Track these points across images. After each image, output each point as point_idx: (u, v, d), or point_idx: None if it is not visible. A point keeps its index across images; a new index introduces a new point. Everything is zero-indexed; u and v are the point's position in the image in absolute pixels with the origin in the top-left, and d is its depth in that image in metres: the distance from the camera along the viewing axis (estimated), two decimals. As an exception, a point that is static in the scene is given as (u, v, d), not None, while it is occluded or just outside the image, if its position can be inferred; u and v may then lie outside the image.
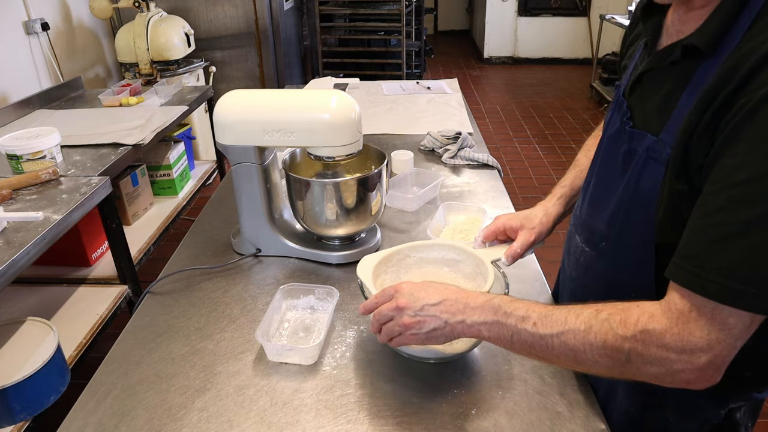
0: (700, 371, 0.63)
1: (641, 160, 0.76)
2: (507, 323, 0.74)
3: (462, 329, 0.77)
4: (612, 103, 0.91)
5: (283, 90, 1.22)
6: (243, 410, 0.86)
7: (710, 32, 0.67)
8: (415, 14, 5.49)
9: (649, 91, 0.78)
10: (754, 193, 0.58)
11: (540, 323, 0.71)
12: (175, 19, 3.39)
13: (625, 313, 0.67)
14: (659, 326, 0.64)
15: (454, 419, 0.84)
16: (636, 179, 0.77)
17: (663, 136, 0.72)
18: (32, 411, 1.28)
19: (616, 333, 0.66)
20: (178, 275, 1.20)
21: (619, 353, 0.66)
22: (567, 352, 0.69)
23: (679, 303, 0.63)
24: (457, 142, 1.75)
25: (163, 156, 2.49)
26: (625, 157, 0.81)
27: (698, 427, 0.87)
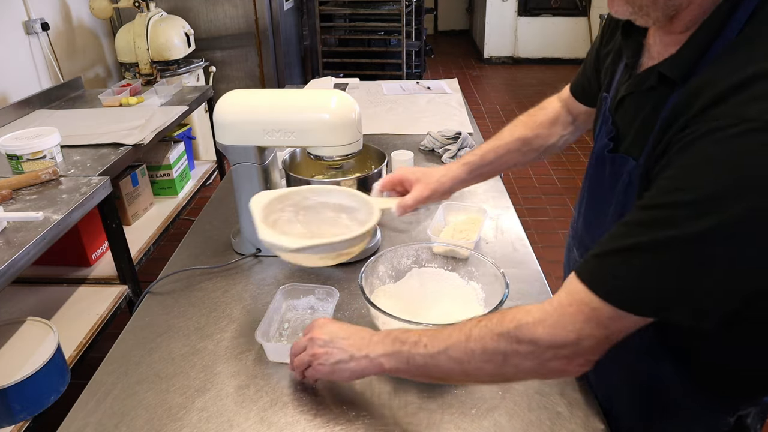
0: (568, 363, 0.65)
1: (625, 184, 0.77)
2: (402, 350, 0.74)
3: (366, 364, 0.77)
4: (599, 112, 0.90)
5: (283, 90, 1.22)
6: (243, 410, 0.86)
7: (682, 62, 0.67)
8: (415, 14, 5.49)
9: (632, 114, 0.77)
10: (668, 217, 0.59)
11: (429, 344, 0.71)
12: (175, 19, 3.39)
13: (503, 313, 0.68)
14: (532, 319, 0.65)
15: (454, 419, 0.84)
16: (622, 202, 0.78)
17: (641, 161, 0.73)
18: (32, 411, 1.28)
19: (493, 332, 0.67)
20: (178, 275, 1.20)
21: (497, 355, 0.66)
22: (453, 365, 0.69)
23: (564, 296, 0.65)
24: (457, 142, 1.75)
25: (163, 156, 2.49)
26: (611, 177, 0.81)
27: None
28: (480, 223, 1.27)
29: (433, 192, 1.03)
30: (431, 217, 1.40)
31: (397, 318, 0.88)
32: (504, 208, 1.46)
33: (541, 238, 3.11)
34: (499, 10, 6.94)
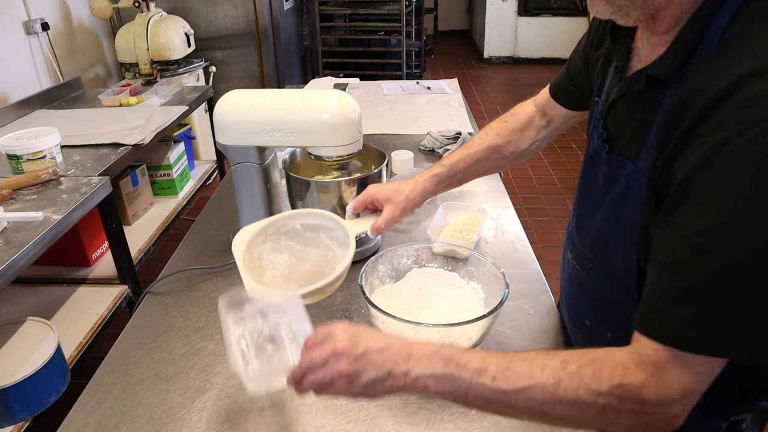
0: (673, 419, 0.61)
1: (622, 188, 0.74)
2: (460, 376, 0.64)
3: (405, 383, 0.66)
4: (591, 116, 0.89)
5: (283, 90, 1.22)
6: (243, 410, 0.86)
7: (670, 62, 0.66)
8: (415, 14, 5.49)
9: (625, 117, 0.76)
10: (713, 243, 0.56)
11: (500, 377, 0.64)
12: (175, 19, 3.39)
13: (596, 365, 0.62)
14: (635, 380, 0.60)
15: (454, 419, 0.84)
16: (617, 206, 0.76)
17: (640, 165, 0.71)
18: (32, 411, 1.28)
19: (589, 388, 0.61)
20: (178, 275, 1.20)
21: (591, 408, 0.62)
22: (533, 407, 0.64)
23: (652, 355, 0.60)
24: (457, 142, 1.75)
25: (163, 156, 2.49)
26: (605, 181, 0.79)
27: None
28: (480, 223, 1.27)
29: (404, 210, 1.03)
30: (431, 217, 1.40)
31: (397, 318, 0.88)
32: (504, 208, 1.46)
33: (541, 238, 3.11)
34: (499, 10, 6.94)
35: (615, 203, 0.76)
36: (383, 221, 1.01)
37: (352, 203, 1.06)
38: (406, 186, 1.05)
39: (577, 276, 0.91)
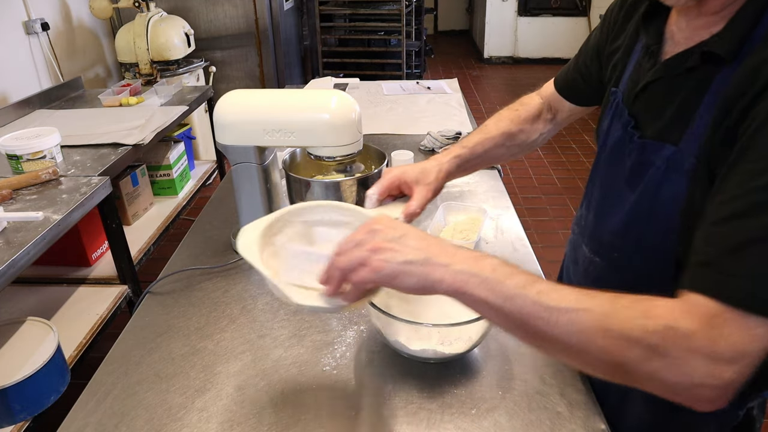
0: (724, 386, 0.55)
1: (660, 172, 0.73)
2: (505, 283, 0.61)
3: (443, 274, 0.62)
4: (607, 108, 0.88)
5: (283, 90, 1.21)
6: (243, 410, 0.86)
7: (731, 39, 0.65)
8: (415, 14, 5.49)
9: (661, 101, 0.74)
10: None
11: (546, 292, 0.60)
12: (175, 19, 3.39)
13: (648, 303, 0.58)
14: (686, 326, 0.55)
15: (454, 419, 0.84)
16: (654, 191, 0.74)
17: (683, 146, 0.69)
18: (32, 411, 1.28)
19: (640, 324, 0.56)
20: (178, 275, 1.20)
21: (637, 347, 0.56)
22: (574, 333, 0.58)
23: (704, 306, 0.56)
24: (457, 143, 1.75)
25: (163, 156, 2.49)
26: (636, 168, 0.77)
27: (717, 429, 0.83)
28: (480, 223, 1.27)
29: (435, 191, 0.97)
30: (431, 217, 1.40)
31: (397, 318, 0.88)
32: (504, 208, 1.46)
33: (541, 238, 3.11)
34: (499, 10, 6.94)
35: (651, 188, 0.74)
36: (418, 205, 0.92)
37: (376, 188, 0.96)
38: (432, 167, 0.98)
39: (596, 269, 0.89)
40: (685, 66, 0.71)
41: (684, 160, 0.69)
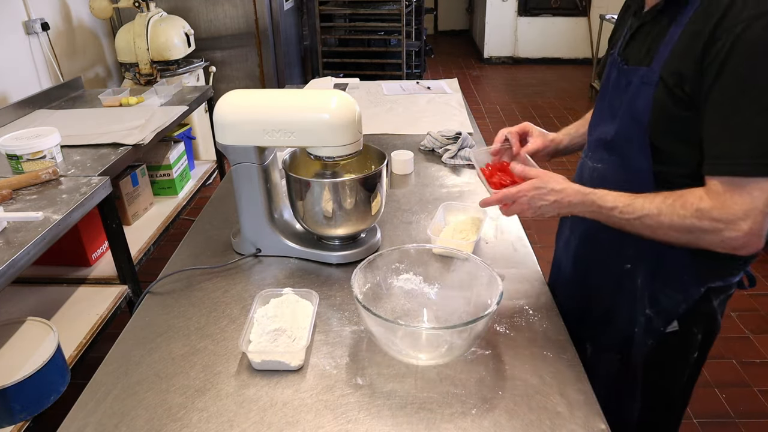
0: (746, 236, 0.86)
1: (635, 86, 0.99)
2: (600, 212, 0.98)
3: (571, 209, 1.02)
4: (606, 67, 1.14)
5: (283, 90, 1.22)
6: (243, 410, 0.86)
7: None
8: (415, 14, 5.49)
9: (641, 40, 1.03)
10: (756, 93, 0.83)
11: (624, 210, 0.95)
12: (175, 19, 3.39)
13: (683, 198, 0.91)
14: (707, 204, 0.88)
15: (454, 419, 0.84)
16: (632, 100, 1.00)
17: (653, 66, 0.96)
18: (32, 411, 1.28)
19: (679, 213, 0.90)
20: (178, 275, 1.20)
21: (682, 227, 0.91)
22: (645, 228, 0.95)
23: (717, 186, 0.87)
24: (457, 142, 1.75)
25: (163, 156, 2.49)
26: (623, 88, 1.04)
27: (682, 298, 1.06)
28: (480, 223, 1.27)
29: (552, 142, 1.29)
30: (431, 217, 1.40)
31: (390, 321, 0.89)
32: (504, 208, 1.46)
33: (541, 238, 3.10)
34: (499, 10, 6.94)
35: (630, 100, 1.00)
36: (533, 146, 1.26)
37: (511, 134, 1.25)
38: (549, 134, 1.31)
39: (598, 174, 1.13)
40: (656, 10, 0.98)
41: (652, 76, 0.96)
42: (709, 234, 0.89)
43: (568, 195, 1.00)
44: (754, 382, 2.17)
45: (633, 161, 1.03)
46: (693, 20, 0.89)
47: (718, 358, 2.27)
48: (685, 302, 1.05)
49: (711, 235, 0.89)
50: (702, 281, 1.04)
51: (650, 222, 0.93)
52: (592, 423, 0.83)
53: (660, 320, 1.08)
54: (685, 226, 0.90)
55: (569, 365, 0.94)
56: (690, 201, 0.90)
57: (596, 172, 1.14)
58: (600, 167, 1.13)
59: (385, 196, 1.26)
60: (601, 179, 1.11)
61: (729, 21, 0.84)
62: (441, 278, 1.07)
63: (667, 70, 0.93)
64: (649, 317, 1.09)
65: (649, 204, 0.93)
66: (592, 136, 1.17)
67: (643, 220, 0.94)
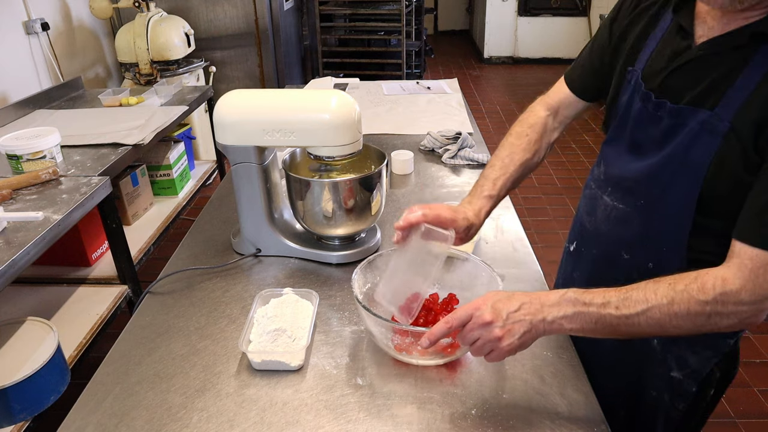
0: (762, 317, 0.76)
1: (693, 132, 0.85)
2: (587, 312, 0.79)
3: (544, 327, 0.80)
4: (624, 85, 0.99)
5: (283, 90, 1.22)
6: (243, 410, 0.86)
7: None
8: (415, 14, 5.49)
9: (698, 73, 0.86)
10: None
11: (622, 306, 0.78)
12: (175, 19, 3.39)
13: (699, 281, 0.77)
14: (734, 287, 0.75)
15: (454, 419, 0.84)
16: (686, 148, 0.86)
17: (718, 111, 0.81)
18: (32, 411, 1.28)
19: (698, 300, 0.76)
20: (178, 275, 1.20)
21: (701, 316, 0.76)
22: (653, 324, 0.78)
23: (749, 262, 0.75)
24: (457, 142, 1.75)
25: (163, 156, 2.49)
26: (666, 130, 0.89)
27: (712, 354, 0.97)
28: None
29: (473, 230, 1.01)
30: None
31: (388, 321, 0.89)
32: (504, 208, 1.46)
33: (541, 238, 3.11)
34: (499, 10, 6.94)
35: (683, 145, 0.86)
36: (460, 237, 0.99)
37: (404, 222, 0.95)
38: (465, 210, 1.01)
39: (617, 215, 1.01)
40: (732, 45, 0.82)
41: (718, 123, 0.81)
42: (730, 318, 0.77)
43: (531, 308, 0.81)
44: (754, 382, 2.17)
45: (670, 209, 0.91)
46: None
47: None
48: (715, 357, 0.97)
49: (731, 318, 0.77)
50: (733, 333, 0.96)
51: (658, 315, 0.77)
52: (592, 423, 0.83)
53: (690, 381, 0.99)
54: (705, 313, 0.76)
55: (569, 365, 0.94)
56: (710, 284, 0.76)
57: (615, 212, 1.01)
58: (622, 208, 1.00)
59: (385, 196, 1.26)
60: (620, 221, 1.01)
61: None
62: (441, 278, 1.07)
63: (741, 119, 0.79)
64: (678, 380, 1.00)
65: (652, 294, 0.78)
66: (608, 169, 1.04)
67: (649, 314, 0.77)
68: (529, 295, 0.82)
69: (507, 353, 0.81)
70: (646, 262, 0.97)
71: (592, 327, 0.79)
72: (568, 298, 0.80)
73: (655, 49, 0.94)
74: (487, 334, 0.80)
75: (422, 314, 0.98)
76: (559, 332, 0.81)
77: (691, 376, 0.99)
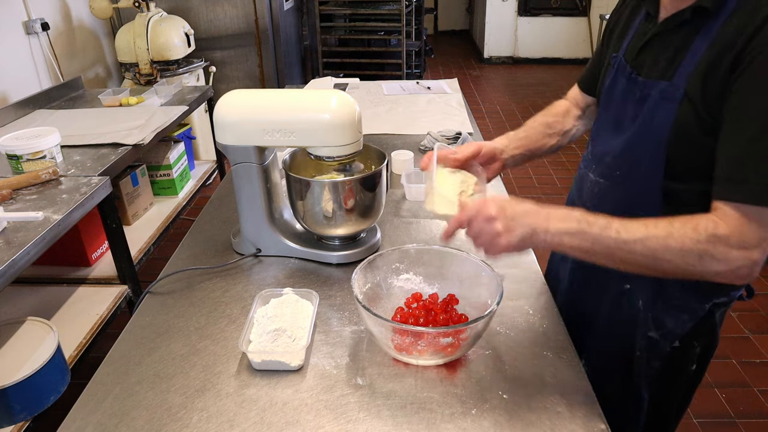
0: (752, 265, 0.80)
1: (653, 101, 0.92)
2: (590, 231, 0.83)
3: (544, 237, 0.84)
4: (608, 71, 1.07)
5: (283, 90, 1.22)
6: (243, 410, 0.86)
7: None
8: (415, 14, 5.49)
9: (659, 50, 0.94)
10: None
11: (622, 230, 0.82)
12: (175, 19, 3.39)
13: (694, 221, 0.81)
14: (724, 231, 0.79)
15: (454, 419, 0.84)
16: (650, 117, 0.92)
17: (675, 80, 0.89)
18: (32, 411, 1.28)
19: (691, 237, 0.80)
20: (178, 275, 1.20)
21: (693, 254, 0.80)
22: (648, 253, 0.81)
23: (733, 214, 0.79)
24: (457, 143, 1.75)
25: (163, 156, 2.49)
26: (637, 103, 0.96)
27: (688, 318, 1.02)
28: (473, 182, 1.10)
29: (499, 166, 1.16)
30: (430, 218, 1.40)
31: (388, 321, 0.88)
32: (504, 208, 1.46)
33: (541, 238, 3.11)
34: (499, 10, 6.94)
35: (648, 115, 0.93)
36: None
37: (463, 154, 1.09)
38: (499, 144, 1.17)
39: (600, 189, 1.07)
40: (680, 19, 0.90)
41: (675, 91, 0.88)
42: (720, 263, 0.80)
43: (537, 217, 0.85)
44: (754, 382, 2.17)
45: (642, 178, 0.96)
46: (722, 33, 0.83)
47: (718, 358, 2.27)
48: (691, 321, 1.02)
49: (721, 263, 0.80)
50: (707, 298, 1.00)
51: (654, 245, 0.81)
52: (592, 423, 0.83)
53: (666, 342, 1.05)
54: (697, 252, 0.80)
55: (569, 365, 0.94)
56: (703, 225, 0.80)
57: (598, 187, 1.08)
58: (602, 182, 1.06)
59: (385, 196, 1.26)
60: (602, 195, 1.07)
61: (763, 37, 0.78)
62: (441, 278, 1.07)
63: (692, 85, 0.86)
64: (655, 340, 1.05)
65: (652, 226, 0.82)
66: (594, 148, 1.10)
67: (646, 242, 0.81)
68: (539, 205, 0.87)
69: (503, 250, 0.85)
70: None
71: (589, 247, 0.83)
72: (574, 216, 0.84)
73: (633, 36, 1.03)
74: (489, 228, 0.84)
75: (422, 314, 0.98)
76: (557, 247, 0.84)
77: (666, 336, 1.04)
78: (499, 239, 0.84)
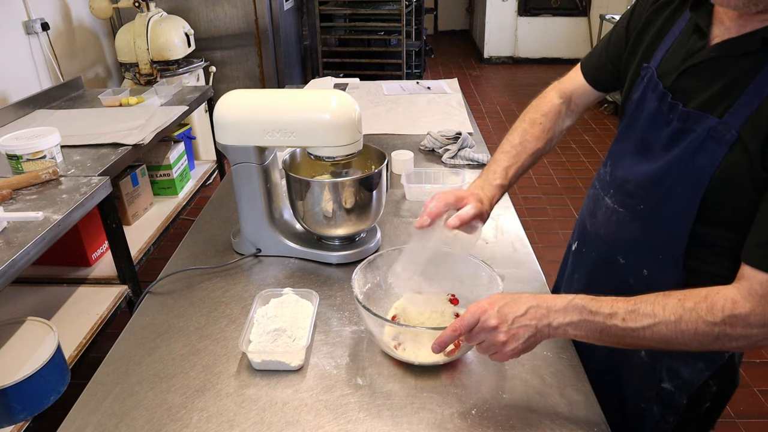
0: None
1: (699, 139, 0.81)
2: (594, 321, 0.78)
3: (549, 332, 0.80)
4: (637, 82, 0.96)
5: (283, 90, 1.22)
6: (243, 410, 0.86)
7: None
8: (415, 14, 5.49)
9: (708, 78, 0.82)
10: None
11: (629, 318, 0.76)
12: (175, 19, 3.39)
13: (709, 300, 0.74)
14: (744, 310, 0.73)
15: (454, 419, 0.84)
16: (690, 156, 0.82)
17: (727, 119, 0.78)
18: (32, 411, 1.28)
19: (706, 320, 0.74)
20: (178, 275, 1.20)
21: (708, 336, 0.74)
22: (659, 340, 0.76)
23: (759, 287, 0.73)
24: (457, 142, 1.75)
25: (163, 156, 2.49)
26: (674, 133, 0.86)
27: (705, 366, 0.94)
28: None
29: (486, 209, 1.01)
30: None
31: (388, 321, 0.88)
32: (504, 208, 1.46)
33: (541, 238, 3.10)
34: (499, 10, 6.94)
35: (689, 152, 0.83)
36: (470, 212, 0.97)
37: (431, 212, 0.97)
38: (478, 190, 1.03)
39: (618, 218, 0.98)
40: (744, 49, 0.78)
41: (726, 132, 0.78)
42: (739, 340, 0.74)
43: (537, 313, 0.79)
44: (754, 382, 2.17)
45: (670, 218, 0.87)
46: None
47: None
48: (709, 369, 0.94)
49: (740, 341, 0.74)
50: None
51: (665, 331, 0.75)
52: (592, 423, 0.83)
53: (682, 394, 0.96)
54: (713, 335, 0.74)
55: (569, 365, 0.94)
56: (719, 305, 0.73)
57: (615, 216, 0.99)
58: (622, 212, 0.97)
59: (385, 196, 1.26)
60: (619, 226, 0.98)
61: None
62: (441, 278, 1.07)
63: (749, 129, 0.75)
64: (669, 392, 0.97)
65: (660, 309, 0.75)
66: (615, 171, 1.01)
67: (655, 329, 0.75)
68: (537, 298, 0.81)
69: (511, 356, 0.81)
70: (641, 269, 0.95)
71: (597, 336, 0.78)
72: (575, 305, 0.79)
73: (671, 47, 0.91)
74: (492, 338, 0.80)
75: None
76: (563, 337, 0.81)
77: (682, 388, 0.96)
78: (504, 348, 0.80)
